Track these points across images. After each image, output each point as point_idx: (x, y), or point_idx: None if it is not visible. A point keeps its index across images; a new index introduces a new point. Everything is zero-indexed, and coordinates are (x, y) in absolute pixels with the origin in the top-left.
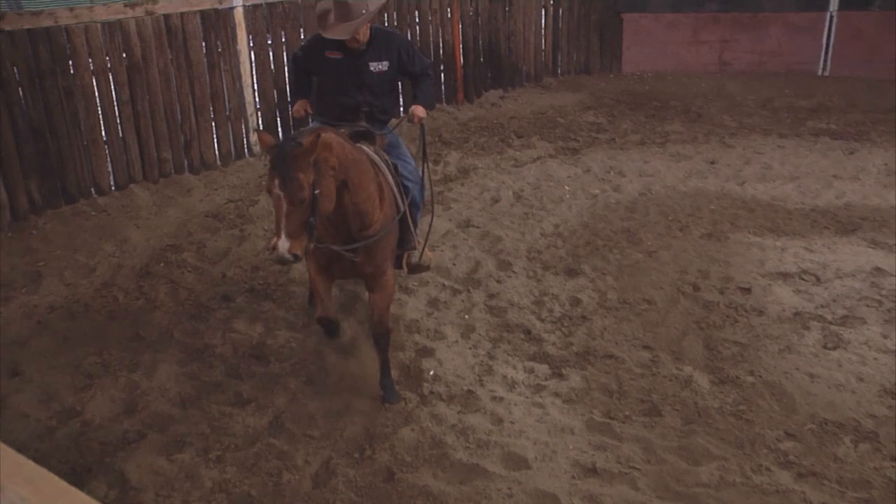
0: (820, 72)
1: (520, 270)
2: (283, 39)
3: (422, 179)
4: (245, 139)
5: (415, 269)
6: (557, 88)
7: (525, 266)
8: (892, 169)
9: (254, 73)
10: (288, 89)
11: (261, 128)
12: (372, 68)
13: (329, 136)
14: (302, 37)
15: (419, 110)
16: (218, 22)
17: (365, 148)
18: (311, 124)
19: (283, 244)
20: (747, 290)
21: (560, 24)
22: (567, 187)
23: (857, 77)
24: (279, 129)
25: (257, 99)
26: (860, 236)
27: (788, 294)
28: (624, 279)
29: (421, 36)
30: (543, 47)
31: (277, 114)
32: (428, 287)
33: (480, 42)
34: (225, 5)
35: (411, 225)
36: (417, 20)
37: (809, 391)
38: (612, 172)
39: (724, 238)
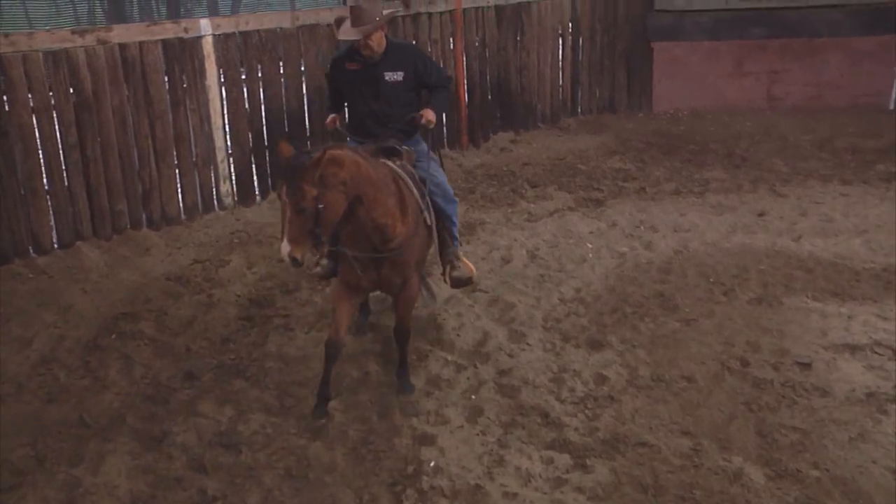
0: (891, 106)
1: (535, 342)
2: (260, 74)
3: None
4: (214, 189)
5: (457, 282)
6: (577, 130)
7: (541, 337)
8: None
9: (225, 112)
10: (265, 130)
11: (233, 177)
12: (387, 78)
13: (339, 153)
14: (281, 71)
15: (428, 112)
16: (183, 53)
17: (389, 163)
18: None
19: (285, 247)
20: (807, 366)
21: (580, 56)
22: (590, 245)
23: None
24: (255, 179)
25: (229, 143)
26: None
27: (858, 370)
28: (658, 352)
29: None
30: (561, 82)
31: (252, 160)
32: (427, 361)
33: (488, 77)
34: (191, 34)
35: (447, 238)
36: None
37: (890, 489)
38: (642, 227)
39: (778, 303)
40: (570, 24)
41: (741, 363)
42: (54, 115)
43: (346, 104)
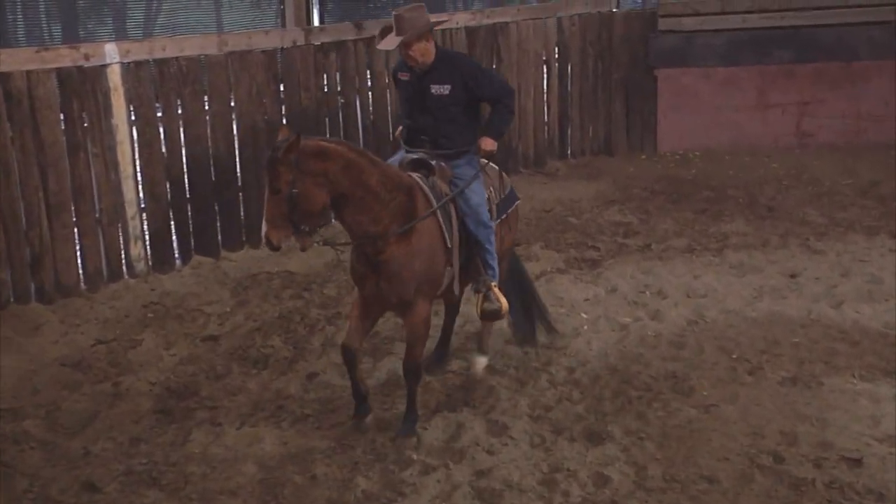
0: None
1: (520, 435)
2: (180, 110)
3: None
4: (123, 252)
5: (487, 314)
6: (568, 176)
7: (527, 429)
8: None
9: (136, 158)
10: (186, 179)
11: (146, 237)
12: (433, 91)
13: (328, 146)
14: (206, 107)
15: (485, 142)
16: (83, 85)
17: (414, 176)
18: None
19: (264, 228)
20: (857, 462)
21: (569, 87)
22: (585, 315)
23: None
24: (174, 239)
25: (142, 195)
26: None
27: None
28: (671, 447)
29: (374, 106)
30: (547, 119)
31: (171, 215)
32: (386, 461)
33: None
34: (94, 61)
35: (480, 265)
36: (369, 83)
37: None
38: (647, 293)
39: (817, 384)
40: (557, 49)
41: (774, 459)
42: None
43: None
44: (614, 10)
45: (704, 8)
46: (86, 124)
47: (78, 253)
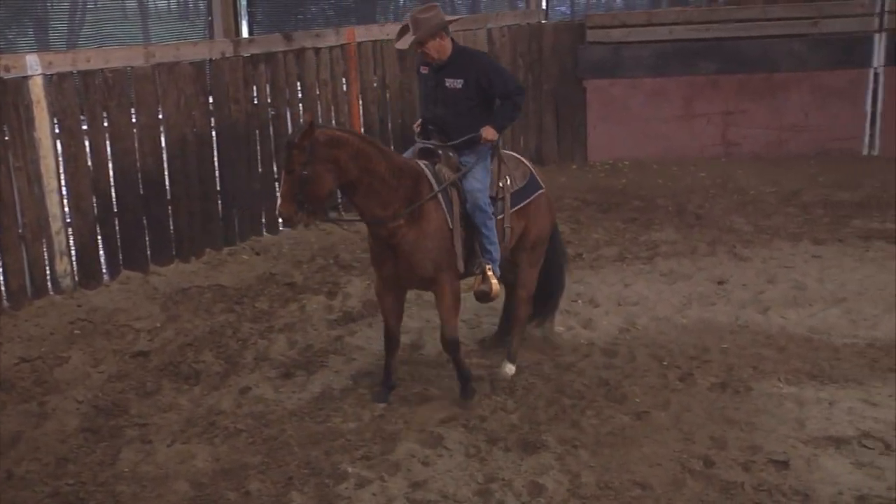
0: (865, 151)
1: (455, 446)
2: (107, 123)
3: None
4: (48, 268)
5: (479, 296)
6: None
7: (462, 439)
8: None
9: (61, 172)
10: (114, 193)
11: (72, 252)
12: (448, 84)
13: (343, 135)
14: (134, 119)
15: (487, 130)
16: (4, 98)
17: (421, 164)
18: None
19: (279, 200)
20: (784, 465)
21: None
22: None
23: None
24: (101, 254)
25: (67, 210)
26: None
27: (845, 468)
28: (604, 454)
29: (305, 117)
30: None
31: (98, 230)
32: (320, 476)
33: (390, 125)
34: (15, 73)
35: (478, 248)
36: (300, 95)
37: None
38: (579, 301)
39: (745, 390)
40: None
41: (704, 463)
42: None
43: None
44: (543, 21)
45: (631, 20)
46: (7, 138)
47: (0, 269)
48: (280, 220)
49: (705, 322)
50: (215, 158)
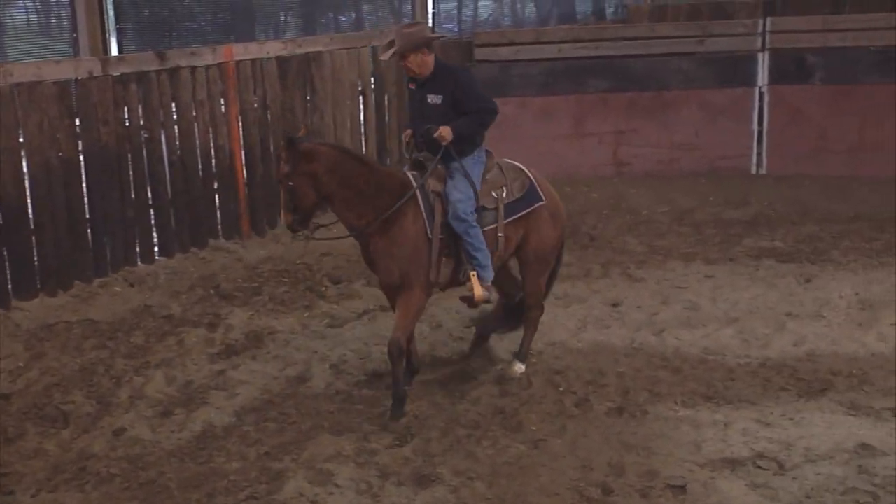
0: (754, 169)
1: (346, 482)
2: None
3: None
4: None
5: (464, 300)
6: None
7: (353, 475)
8: (867, 299)
9: None
10: None
11: None
12: (429, 100)
13: (319, 149)
14: None
15: (443, 129)
16: None
17: (409, 175)
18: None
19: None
20: (681, 489)
21: (388, 118)
22: None
23: (804, 174)
24: None
25: None
26: (833, 399)
27: (741, 491)
28: (501, 484)
29: (181, 140)
30: (365, 152)
31: None
32: None
33: (272, 146)
34: None
35: (463, 256)
36: (175, 115)
37: None
38: (473, 327)
39: (642, 414)
40: (373, 79)
41: (603, 491)
42: None
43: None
44: None
45: (520, 38)
46: None
47: None
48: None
49: (600, 345)
50: (83, 184)
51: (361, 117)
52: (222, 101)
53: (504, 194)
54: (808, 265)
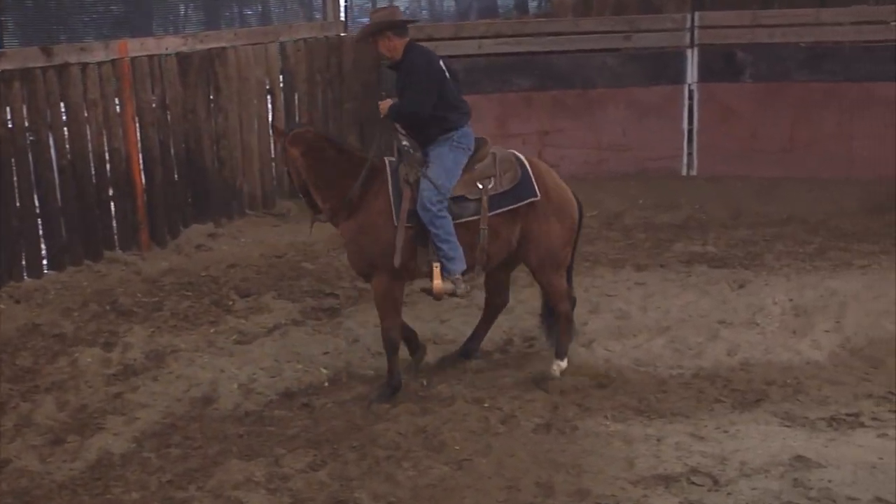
0: (684, 170)
1: None
2: None
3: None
4: None
5: (427, 292)
6: (300, 217)
7: (264, 503)
8: (801, 305)
9: None
10: None
11: None
12: (397, 84)
13: (302, 135)
14: None
15: (384, 102)
16: None
17: (385, 160)
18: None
19: None
20: None
21: (298, 119)
22: (325, 370)
23: (736, 175)
24: None
25: None
26: (768, 409)
27: None
28: None
29: (71, 143)
30: (274, 154)
31: None
32: None
33: (173, 150)
34: None
35: (430, 246)
36: (65, 117)
37: None
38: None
39: (571, 429)
40: (282, 78)
41: None
42: None
43: None
44: (343, 34)
45: (438, 32)
46: None
47: None
48: None
49: (527, 358)
50: None
51: (270, 117)
52: (117, 101)
53: (490, 185)
54: (741, 270)
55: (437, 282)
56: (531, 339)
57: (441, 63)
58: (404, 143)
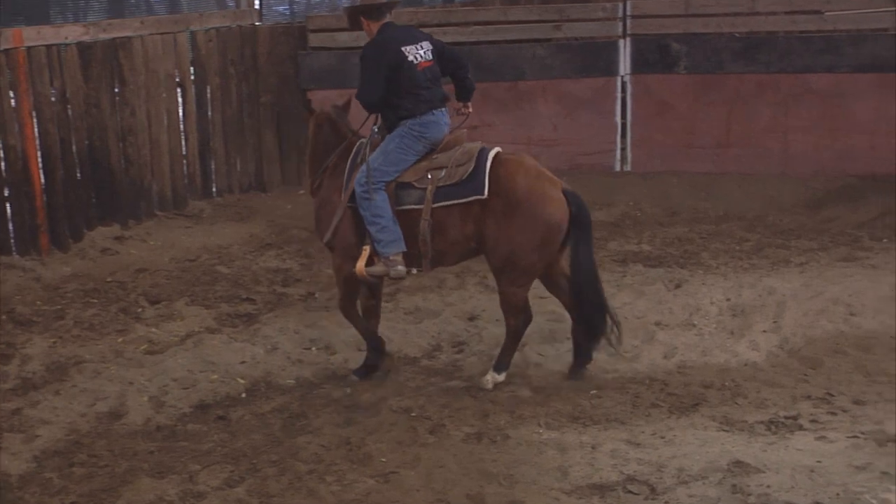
0: (618, 166)
1: None
2: None
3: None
4: None
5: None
6: (214, 218)
7: None
8: (738, 305)
9: None
10: None
11: None
12: None
13: (315, 115)
14: None
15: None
16: None
17: (359, 141)
18: None
19: None
20: None
21: (210, 114)
22: (242, 380)
23: (672, 171)
24: None
25: None
26: (706, 414)
27: None
28: None
29: None
30: (185, 151)
31: None
32: None
33: (75, 147)
34: None
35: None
36: None
37: None
38: (314, 349)
39: (503, 438)
40: (192, 69)
41: None
42: None
43: None
44: (258, 23)
45: None
46: None
47: None
48: None
49: (456, 364)
50: None
51: (180, 112)
52: (12, 95)
53: (441, 176)
54: (677, 269)
55: (360, 263)
56: (460, 345)
57: (404, 50)
58: (374, 127)
